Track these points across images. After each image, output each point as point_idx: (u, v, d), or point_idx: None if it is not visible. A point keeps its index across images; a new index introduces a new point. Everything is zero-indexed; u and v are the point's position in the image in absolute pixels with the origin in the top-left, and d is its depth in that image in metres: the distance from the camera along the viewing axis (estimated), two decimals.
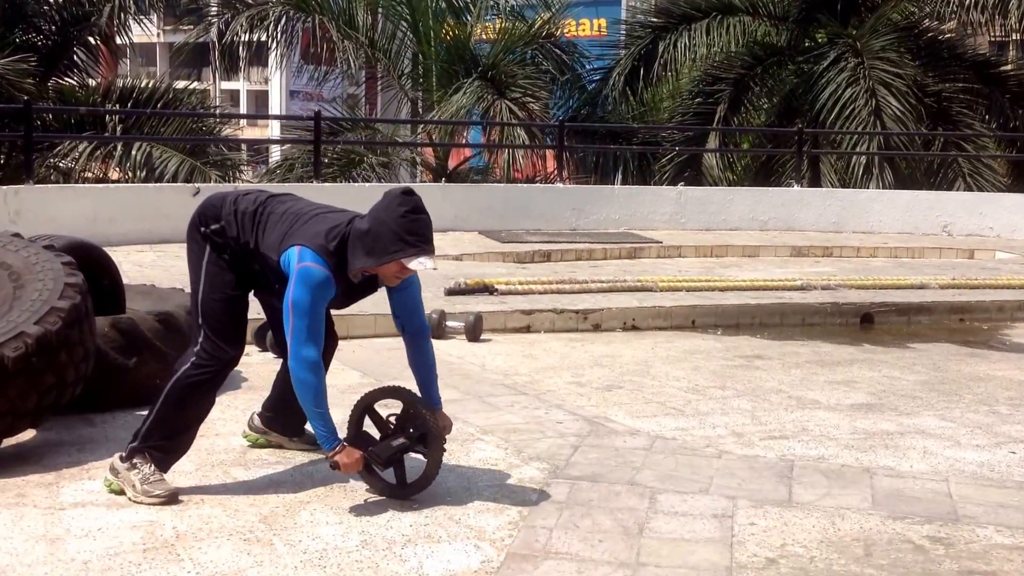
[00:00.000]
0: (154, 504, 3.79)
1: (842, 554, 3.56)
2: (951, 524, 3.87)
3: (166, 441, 3.94)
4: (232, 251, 3.93)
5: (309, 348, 3.69)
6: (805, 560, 3.50)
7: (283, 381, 4.32)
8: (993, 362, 6.96)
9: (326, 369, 4.34)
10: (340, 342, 6.90)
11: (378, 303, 5.31)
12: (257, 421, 4.50)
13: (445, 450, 3.98)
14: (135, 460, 3.90)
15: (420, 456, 3.95)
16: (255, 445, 4.51)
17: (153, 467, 3.89)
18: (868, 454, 4.73)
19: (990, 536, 3.77)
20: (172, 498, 3.82)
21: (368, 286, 3.92)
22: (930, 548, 3.64)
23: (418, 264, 3.69)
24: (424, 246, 3.70)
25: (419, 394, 4.01)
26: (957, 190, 16.31)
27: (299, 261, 3.70)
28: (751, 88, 18.86)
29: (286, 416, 4.39)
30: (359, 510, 3.82)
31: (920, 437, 5.04)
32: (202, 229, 3.96)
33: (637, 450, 4.58)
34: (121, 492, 3.90)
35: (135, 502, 3.83)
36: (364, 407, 4.04)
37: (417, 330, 4.00)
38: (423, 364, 4.00)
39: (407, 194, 3.75)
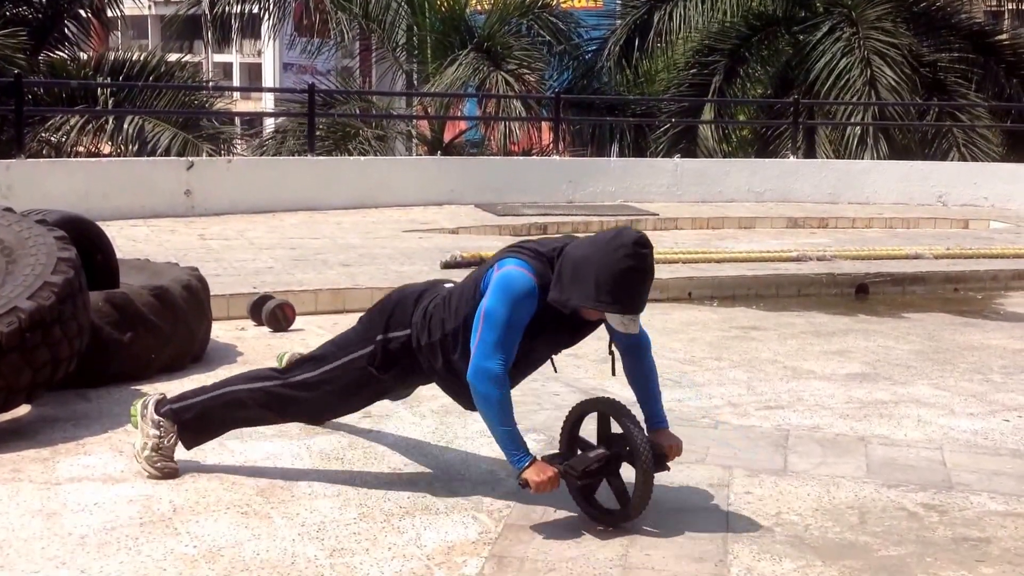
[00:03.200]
0: (150, 476, 3.79)
1: (837, 522, 3.58)
2: (945, 492, 3.89)
3: (201, 425, 3.85)
4: (400, 366, 3.60)
5: (492, 361, 3.29)
6: (800, 528, 3.52)
7: None
8: (987, 331, 6.98)
9: None
10: (337, 316, 6.92)
11: (376, 276, 5.29)
12: None
13: (668, 468, 3.55)
14: (164, 424, 3.80)
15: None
16: None
17: (174, 439, 3.82)
18: (863, 423, 4.75)
19: (984, 503, 3.79)
20: (170, 475, 3.82)
21: (580, 325, 3.46)
22: (924, 515, 3.66)
23: (619, 324, 3.34)
24: (633, 310, 3.30)
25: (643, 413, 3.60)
26: (951, 160, 16.30)
27: (499, 268, 3.34)
28: (746, 59, 18.79)
29: None
30: (356, 483, 3.82)
31: (914, 406, 5.06)
32: (379, 337, 3.58)
33: None
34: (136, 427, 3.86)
35: (135, 460, 3.83)
36: (576, 420, 3.60)
37: (633, 342, 3.55)
38: (641, 377, 3.59)
39: (640, 245, 3.27)
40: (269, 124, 20.70)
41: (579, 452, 3.54)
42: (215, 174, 11.10)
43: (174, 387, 4.98)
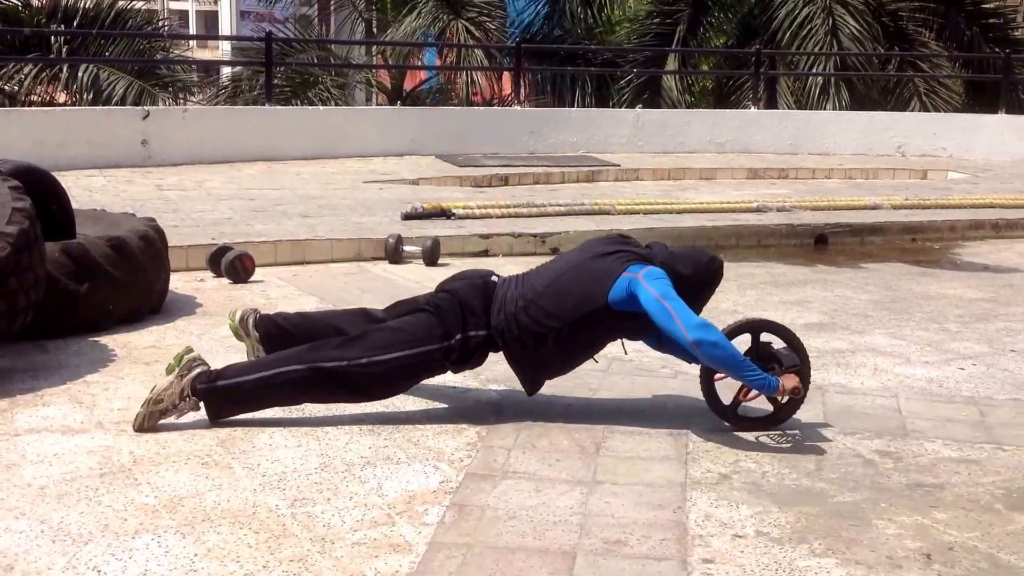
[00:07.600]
0: (137, 431, 3.75)
1: (793, 469, 3.63)
2: (900, 439, 3.95)
3: (237, 403, 3.85)
4: (474, 359, 3.99)
5: (697, 318, 3.77)
6: (757, 475, 3.56)
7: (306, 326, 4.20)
8: (944, 281, 7.06)
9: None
10: (297, 267, 6.91)
11: (336, 228, 5.17)
12: (253, 328, 4.19)
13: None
14: (190, 400, 3.78)
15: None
16: (236, 336, 4.28)
17: (186, 412, 3.80)
18: (820, 372, 4.80)
19: (938, 450, 3.85)
20: (143, 432, 3.75)
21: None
22: (879, 462, 3.72)
23: None
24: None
25: None
26: (912, 110, 16.40)
27: (634, 272, 3.83)
28: (709, 8, 18.72)
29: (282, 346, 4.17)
30: (317, 434, 3.82)
31: (871, 355, 5.12)
32: (458, 336, 3.90)
33: (594, 372, 4.61)
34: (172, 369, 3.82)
35: (139, 409, 3.78)
36: (753, 331, 4.06)
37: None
38: None
39: (720, 268, 4.03)
40: (226, 73, 20.41)
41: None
42: (171, 123, 10.96)
43: (133, 339, 4.96)
